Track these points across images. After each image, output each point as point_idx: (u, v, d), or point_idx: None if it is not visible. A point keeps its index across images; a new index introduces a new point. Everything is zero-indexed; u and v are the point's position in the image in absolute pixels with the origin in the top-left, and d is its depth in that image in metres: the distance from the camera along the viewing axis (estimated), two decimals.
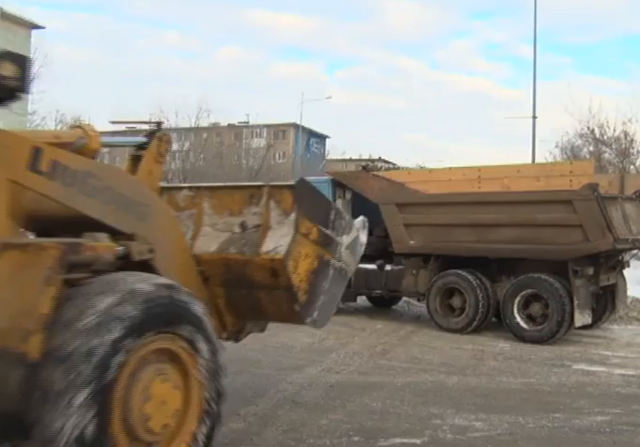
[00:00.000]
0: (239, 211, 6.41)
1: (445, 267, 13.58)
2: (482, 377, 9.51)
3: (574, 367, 10.35)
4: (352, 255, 6.88)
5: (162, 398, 4.53)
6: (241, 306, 6.41)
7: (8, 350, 3.93)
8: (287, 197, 6.17)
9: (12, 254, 4.29)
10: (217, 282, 6.28)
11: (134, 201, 5.40)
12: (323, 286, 6.38)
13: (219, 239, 6.36)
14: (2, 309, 4.06)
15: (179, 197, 6.77)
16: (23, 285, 4.13)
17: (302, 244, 6.08)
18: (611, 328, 14.47)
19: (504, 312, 12.72)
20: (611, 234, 11.75)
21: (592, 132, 35.65)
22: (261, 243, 6.05)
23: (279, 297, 6.15)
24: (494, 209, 12.78)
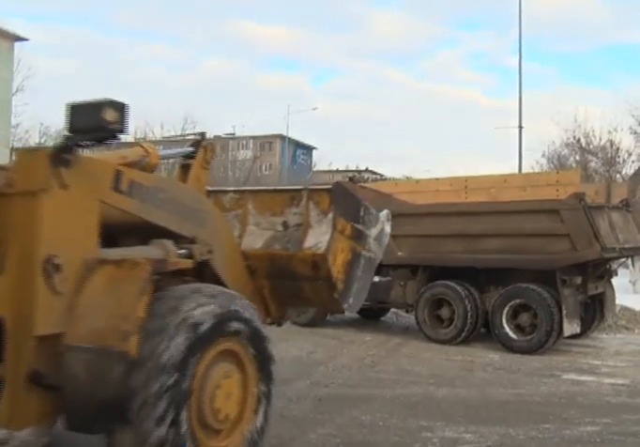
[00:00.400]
0: (281, 212, 7.26)
1: (433, 278, 13.54)
2: (472, 389, 9.46)
3: (564, 377, 10.33)
4: (379, 245, 7.76)
5: (228, 391, 5.21)
6: (285, 295, 7.26)
7: (111, 349, 4.51)
8: (325, 199, 7.02)
9: (108, 268, 4.94)
10: (262, 274, 7.07)
11: (193, 208, 6.16)
12: (356, 275, 7.26)
13: (263, 237, 7.24)
14: (103, 314, 4.70)
15: (225, 199, 7.62)
16: (121, 294, 4.75)
17: (339, 240, 6.93)
18: (600, 337, 14.49)
19: (493, 322, 12.70)
20: (598, 243, 11.75)
21: (578, 142, 35.85)
22: (303, 240, 6.92)
23: (319, 286, 6.98)
24: (481, 220, 12.77)
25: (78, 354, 4.61)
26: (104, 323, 4.67)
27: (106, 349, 4.55)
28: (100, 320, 4.70)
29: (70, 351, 4.62)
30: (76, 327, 4.69)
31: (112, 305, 4.74)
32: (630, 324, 15.55)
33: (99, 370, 4.57)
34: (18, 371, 4.57)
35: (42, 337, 4.58)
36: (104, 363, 4.55)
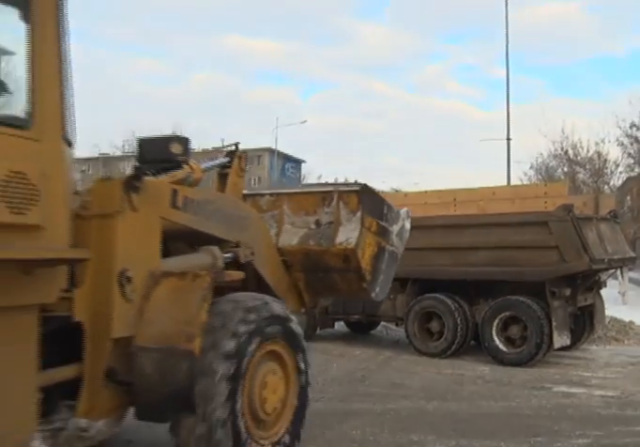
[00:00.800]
0: (314, 211, 8.13)
1: (422, 291, 13.53)
2: (463, 402, 9.43)
3: (554, 389, 10.32)
4: (400, 240, 8.85)
5: (273, 387, 5.98)
6: (318, 286, 8.24)
7: (178, 348, 5.20)
8: (353, 199, 7.96)
9: (172, 279, 5.66)
10: (298, 268, 8.04)
11: (236, 216, 7.02)
12: (381, 267, 8.28)
13: (298, 234, 8.13)
14: (169, 319, 5.43)
15: (262, 202, 8.55)
16: (185, 302, 5.48)
17: (366, 236, 7.89)
18: (590, 348, 14.47)
19: (483, 335, 12.68)
20: (587, 254, 11.76)
21: (566, 153, 35.93)
22: (334, 236, 7.85)
23: (350, 277, 7.99)
24: (470, 232, 12.77)
25: (148, 353, 5.30)
26: (171, 326, 5.38)
27: (173, 349, 5.24)
28: (167, 324, 5.41)
29: (141, 351, 5.31)
30: (145, 330, 5.40)
31: (177, 311, 5.45)
32: (619, 335, 15.55)
33: (167, 367, 5.25)
34: (96, 369, 5.19)
35: (117, 339, 5.25)
36: (172, 361, 5.23)
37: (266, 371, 5.95)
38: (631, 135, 32.28)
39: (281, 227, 8.29)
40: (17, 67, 4.79)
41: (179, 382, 5.22)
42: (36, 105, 4.59)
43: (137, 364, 5.31)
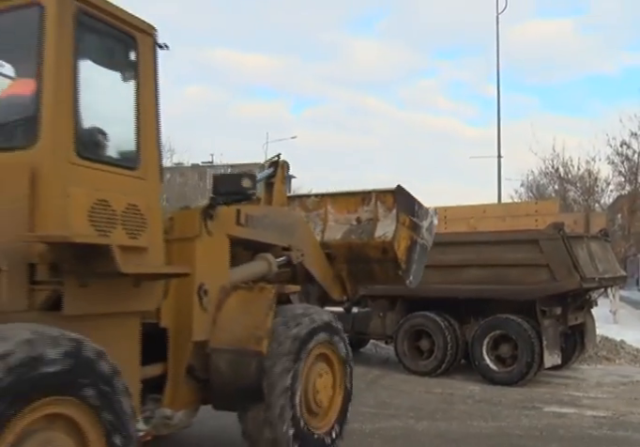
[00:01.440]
0: (355, 210, 9.46)
1: (412, 308, 13.44)
2: (452, 422, 9.34)
3: (545, 409, 10.23)
4: (429, 234, 10.03)
5: (324, 384, 7.01)
6: (359, 275, 9.44)
7: (248, 349, 6.25)
8: (389, 198, 9.22)
9: (241, 292, 6.79)
10: (341, 259, 9.20)
11: (286, 223, 8.12)
12: (414, 258, 9.53)
13: (341, 230, 9.41)
14: (240, 325, 6.45)
15: (308, 202, 9.92)
16: (254, 310, 6.54)
17: (401, 230, 9.10)
18: (581, 368, 14.42)
19: (473, 353, 12.60)
20: (578, 273, 11.72)
21: (557, 171, 35.95)
22: (374, 231, 9.12)
23: (387, 267, 9.21)
24: (460, 250, 12.71)
25: (222, 354, 6.34)
26: (241, 331, 6.40)
27: (244, 350, 6.28)
28: (238, 329, 6.43)
29: (216, 352, 6.34)
30: (219, 334, 6.43)
31: (247, 318, 6.49)
32: (610, 354, 15.47)
33: (239, 365, 6.28)
34: (178, 367, 6.18)
35: (195, 342, 6.26)
36: (243, 360, 6.27)
37: (318, 370, 6.96)
38: (621, 154, 32.31)
39: (326, 224, 9.56)
40: (127, 121, 5.68)
41: (250, 378, 6.25)
42: (141, 150, 5.64)
43: (213, 363, 6.34)
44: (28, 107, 5.10)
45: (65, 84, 5.04)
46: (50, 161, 4.92)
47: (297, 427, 6.48)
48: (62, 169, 4.97)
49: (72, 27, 5.08)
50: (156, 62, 5.91)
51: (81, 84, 5.17)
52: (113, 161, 5.53)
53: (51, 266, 4.88)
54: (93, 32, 5.39)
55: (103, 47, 5.70)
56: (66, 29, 5.03)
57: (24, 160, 4.89)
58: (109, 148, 5.61)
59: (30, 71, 5.19)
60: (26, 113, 5.15)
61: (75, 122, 5.12)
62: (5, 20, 5.26)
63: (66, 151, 4.99)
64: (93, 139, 5.43)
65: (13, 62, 5.66)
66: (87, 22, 5.23)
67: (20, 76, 5.59)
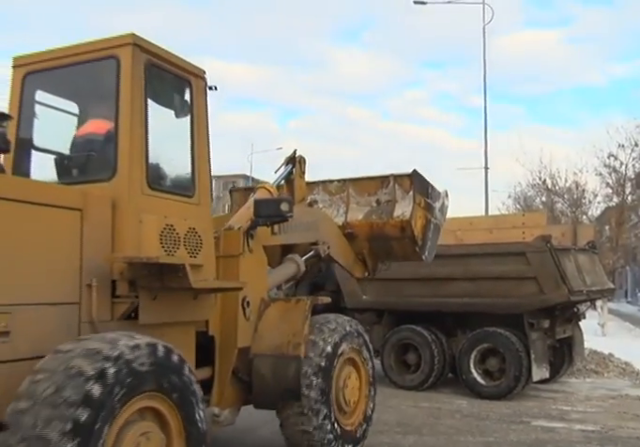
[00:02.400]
0: (374, 193, 10.24)
1: (399, 322, 13.32)
2: (440, 437, 9.23)
3: (533, 424, 10.13)
4: (442, 215, 10.98)
5: (352, 386, 7.89)
6: (379, 252, 10.40)
7: (287, 354, 7.14)
8: (406, 181, 10.03)
9: (279, 303, 7.74)
10: (363, 238, 10.12)
11: (311, 221, 9.03)
12: (429, 236, 10.43)
13: (363, 211, 10.23)
14: (279, 332, 7.31)
15: (331, 187, 10.65)
16: (291, 319, 7.40)
17: (417, 210, 9.93)
18: (569, 381, 14.33)
19: (460, 367, 12.50)
20: (565, 285, 11.65)
21: (544, 183, 36.02)
22: (392, 211, 9.94)
23: (405, 244, 10.05)
24: (447, 263, 12.58)
25: (264, 359, 7.21)
26: (280, 338, 7.27)
27: (284, 355, 7.17)
28: (278, 336, 7.30)
29: (258, 357, 7.23)
30: (260, 341, 7.31)
31: (285, 327, 7.36)
32: (599, 368, 15.38)
33: (279, 368, 7.14)
34: (225, 370, 7.08)
35: (240, 348, 7.15)
36: (283, 364, 7.14)
37: (346, 373, 7.83)
38: (608, 165, 32.47)
39: (349, 206, 10.38)
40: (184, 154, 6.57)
41: (289, 380, 7.08)
42: (196, 179, 6.56)
43: (255, 367, 7.21)
44: (106, 145, 6.03)
45: (137, 125, 5.91)
46: (126, 193, 5.79)
47: (330, 423, 7.35)
48: (136, 199, 5.86)
49: (143, 76, 6.04)
50: (206, 101, 6.87)
51: (149, 124, 6.05)
52: (175, 190, 6.42)
53: (129, 282, 5.77)
54: (158, 78, 6.30)
55: (165, 90, 6.59)
56: (138, 77, 5.97)
57: (106, 191, 5.77)
58: (171, 179, 6.60)
59: (104, 113, 6.22)
60: (105, 150, 6.03)
61: (146, 158, 5.98)
62: (85, 69, 6.24)
63: (139, 184, 5.89)
64: (160, 172, 6.37)
65: (89, 104, 6.64)
66: (154, 70, 6.20)
67: (94, 117, 6.41)
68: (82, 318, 5.39)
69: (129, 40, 5.96)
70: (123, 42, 5.98)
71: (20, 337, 4.83)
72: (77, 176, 6.16)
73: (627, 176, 32.57)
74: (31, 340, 4.90)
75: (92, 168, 6.18)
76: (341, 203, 10.47)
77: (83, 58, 6.15)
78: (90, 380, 4.43)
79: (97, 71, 6.30)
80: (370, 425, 8.28)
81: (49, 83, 6.55)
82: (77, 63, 6.20)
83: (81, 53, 6.15)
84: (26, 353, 4.83)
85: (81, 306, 5.40)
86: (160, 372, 5.00)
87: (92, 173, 6.11)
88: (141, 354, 4.83)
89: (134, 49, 5.97)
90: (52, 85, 6.59)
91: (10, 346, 4.77)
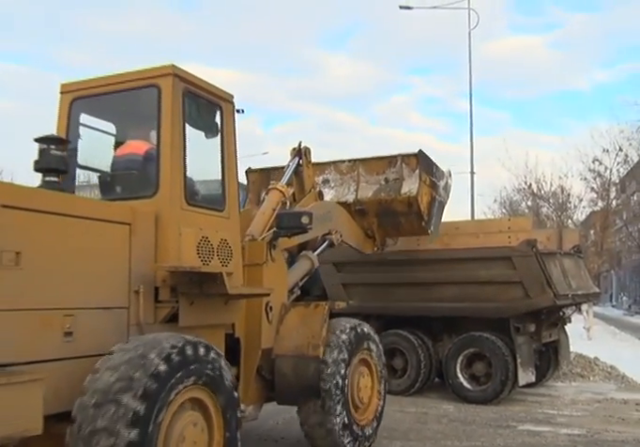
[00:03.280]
0: (383, 172, 11.31)
1: (385, 327, 13.24)
2: (427, 442, 9.22)
3: (520, 428, 10.13)
4: (445, 193, 12.07)
5: (365, 385, 8.57)
6: (388, 227, 11.55)
7: (307, 355, 7.82)
8: (413, 161, 11.12)
9: (299, 308, 8.37)
10: (372, 214, 11.24)
11: (324, 214, 9.81)
12: (434, 212, 11.51)
13: (372, 189, 11.22)
14: (299, 335, 7.97)
15: (342, 166, 11.73)
16: (310, 323, 8.07)
17: (423, 187, 11.00)
18: (555, 385, 14.35)
19: (447, 372, 12.50)
20: (551, 290, 11.66)
21: (529, 187, 36.09)
22: (400, 189, 11.00)
23: (412, 219, 11.23)
24: (433, 267, 12.60)
25: (285, 359, 7.89)
26: (301, 340, 7.92)
27: (304, 355, 7.84)
28: (298, 338, 7.95)
29: (280, 358, 7.90)
30: (282, 343, 7.97)
31: (305, 330, 8.00)
32: (585, 372, 15.42)
33: (299, 368, 7.81)
34: (249, 369, 7.70)
35: (263, 349, 7.81)
36: (303, 364, 7.82)
37: (360, 372, 8.51)
38: (593, 170, 32.59)
39: (359, 185, 11.34)
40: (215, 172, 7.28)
41: (308, 378, 7.76)
42: (226, 195, 7.26)
43: (277, 367, 7.87)
44: (146, 164, 6.76)
45: (177, 147, 6.59)
46: (168, 208, 6.46)
47: (346, 419, 7.98)
48: (176, 214, 6.52)
49: (181, 102, 6.71)
50: (235, 123, 7.58)
51: (186, 146, 6.72)
52: (208, 205, 7.07)
53: (170, 288, 6.42)
54: (193, 103, 6.99)
55: (199, 114, 7.20)
56: (177, 104, 6.65)
57: (149, 206, 6.39)
58: (205, 195, 7.28)
59: (143, 135, 7.14)
60: (145, 169, 6.75)
61: (184, 176, 6.65)
62: (128, 96, 6.94)
63: (179, 200, 6.55)
64: (195, 189, 7.05)
65: (128, 126, 7.45)
66: (190, 97, 6.89)
67: (133, 138, 7.19)
68: (130, 321, 6.04)
69: (169, 71, 6.65)
70: (164, 72, 6.67)
71: (81, 337, 5.46)
72: (120, 192, 6.91)
73: (611, 180, 32.73)
74: (90, 340, 5.54)
75: (134, 185, 6.89)
76: (351, 182, 11.46)
77: (126, 86, 6.86)
78: (147, 375, 5.06)
79: (138, 98, 7.03)
80: (381, 421, 8.89)
81: (93, 107, 7.23)
82: (120, 90, 6.90)
83: (124, 81, 6.86)
84: (86, 351, 5.46)
85: (129, 310, 6.05)
86: (202, 366, 5.67)
87: (135, 190, 6.79)
88: (188, 351, 5.51)
89: (174, 79, 6.65)
90: (95, 109, 7.29)
91: (74, 345, 5.40)
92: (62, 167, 6.27)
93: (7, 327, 4.90)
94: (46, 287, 5.29)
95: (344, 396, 7.97)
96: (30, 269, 5.13)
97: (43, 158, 6.24)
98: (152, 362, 5.15)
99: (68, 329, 5.35)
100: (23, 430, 4.60)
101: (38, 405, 4.65)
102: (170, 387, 5.24)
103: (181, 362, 5.42)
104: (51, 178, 6.22)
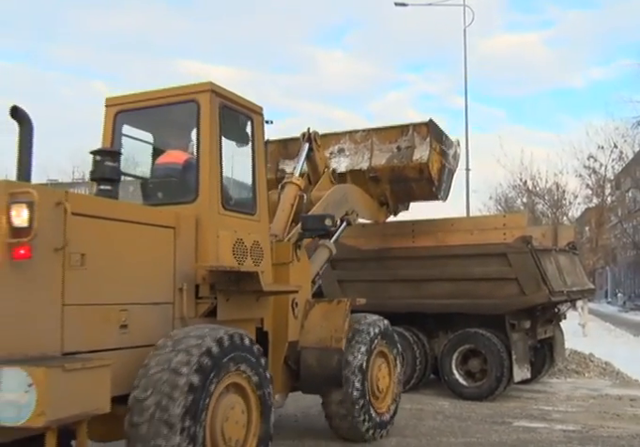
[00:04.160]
0: (395, 140, 11.79)
1: None
2: (422, 438, 9.24)
3: (515, 424, 10.16)
4: (454, 161, 12.73)
5: (383, 374, 9.28)
6: (400, 193, 12.12)
7: (330, 347, 8.51)
8: (424, 129, 11.65)
9: (322, 304, 9.07)
10: (385, 181, 11.78)
11: (340, 198, 10.52)
12: (444, 178, 12.09)
13: (385, 157, 11.76)
14: (322, 329, 8.67)
15: (357, 136, 12.17)
16: (333, 317, 8.77)
17: (433, 155, 11.49)
18: (550, 381, 14.40)
19: (442, 368, 12.53)
20: (546, 286, 11.68)
21: (525, 184, 36.02)
22: (412, 156, 11.53)
23: (423, 185, 11.75)
24: (428, 264, 12.62)
25: (310, 351, 8.57)
26: (324, 333, 8.63)
27: (327, 348, 8.54)
28: (322, 332, 8.66)
29: (305, 350, 8.60)
30: (307, 336, 8.69)
31: (328, 323, 8.72)
32: (580, 368, 15.45)
33: (323, 359, 8.49)
34: (276, 360, 8.24)
35: (289, 342, 8.50)
36: (327, 355, 8.50)
37: (379, 363, 9.20)
38: (588, 167, 32.49)
39: (372, 153, 11.85)
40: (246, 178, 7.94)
41: (332, 369, 8.43)
42: (257, 200, 7.89)
43: (302, 358, 8.55)
44: (185, 172, 7.44)
45: (214, 157, 7.23)
46: (207, 212, 7.09)
47: (365, 407, 8.64)
48: (214, 218, 7.15)
49: (218, 116, 7.35)
50: (264, 133, 8.28)
51: (222, 155, 7.35)
52: (241, 209, 7.67)
53: (210, 286, 7.03)
54: (228, 116, 7.59)
55: (233, 125, 7.80)
56: (214, 117, 7.29)
57: (190, 211, 7.02)
58: (238, 200, 7.85)
59: (181, 145, 7.91)
60: (184, 176, 7.43)
61: (221, 183, 7.29)
62: (168, 109, 7.66)
63: (216, 205, 7.18)
64: (230, 194, 7.62)
65: (167, 137, 8.22)
66: (226, 110, 7.52)
67: (172, 148, 7.89)
68: (175, 315, 6.68)
69: (207, 88, 7.31)
70: (202, 89, 7.33)
71: (134, 329, 6.10)
72: (162, 198, 7.54)
73: (606, 177, 32.62)
74: (141, 332, 6.18)
75: (175, 192, 7.51)
76: (365, 150, 11.97)
77: (167, 101, 7.55)
78: (198, 358, 5.72)
79: (178, 111, 7.72)
80: (397, 409, 9.58)
81: (135, 119, 7.89)
82: (162, 104, 7.59)
83: (165, 96, 7.54)
84: (138, 342, 6.11)
85: (174, 305, 6.69)
86: (241, 354, 6.29)
87: (176, 196, 7.41)
88: (229, 340, 6.11)
89: (211, 94, 7.29)
90: (136, 121, 7.95)
91: (128, 337, 6.04)
92: (115, 177, 6.81)
93: (75, 320, 5.54)
94: (105, 285, 5.93)
95: (364, 386, 8.64)
96: (92, 269, 5.75)
97: (98, 168, 6.81)
98: (202, 349, 5.79)
99: (123, 322, 6.00)
100: (95, 409, 5.19)
101: (107, 387, 5.26)
102: (216, 372, 5.88)
103: (229, 347, 6.08)
104: (105, 187, 6.74)
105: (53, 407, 4.73)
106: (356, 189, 11.32)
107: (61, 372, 4.85)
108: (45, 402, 4.67)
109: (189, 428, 5.50)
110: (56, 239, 5.45)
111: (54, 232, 5.44)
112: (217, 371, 5.91)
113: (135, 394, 5.60)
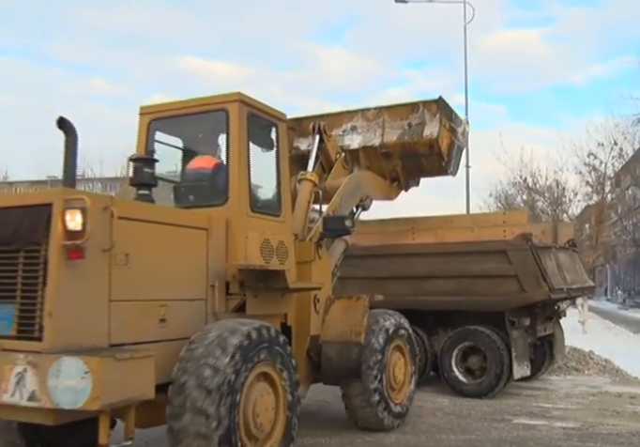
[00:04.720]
0: (406, 117, 12.06)
1: None
2: (421, 435, 9.23)
3: (515, 421, 10.16)
4: (463, 138, 12.98)
5: (399, 367, 9.68)
6: (410, 169, 12.42)
7: (350, 341, 8.91)
8: (434, 106, 11.92)
9: (342, 300, 9.44)
10: (396, 157, 12.07)
11: (354, 186, 10.94)
12: (453, 154, 12.46)
13: (396, 134, 12.02)
14: (343, 323, 9.08)
15: (369, 114, 12.40)
16: (353, 313, 9.18)
17: (443, 131, 11.82)
18: (550, 379, 14.39)
19: (442, 365, 12.53)
20: (546, 284, 11.67)
21: (525, 181, 35.98)
22: (422, 132, 11.77)
23: (433, 160, 12.09)
24: (428, 261, 12.61)
25: (331, 345, 8.99)
26: (344, 328, 9.05)
27: (347, 342, 8.93)
28: (342, 326, 9.08)
29: (326, 343, 9.02)
30: (327, 331, 9.13)
31: (348, 318, 9.14)
32: (579, 365, 15.46)
33: (343, 352, 8.89)
34: (299, 353, 8.44)
35: (311, 336, 8.97)
36: (347, 349, 8.89)
37: (396, 357, 9.61)
38: (588, 164, 32.46)
39: (384, 130, 12.08)
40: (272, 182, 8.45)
41: (351, 362, 8.83)
42: (281, 202, 8.43)
43: (324, 351, 8.97)
44: (215, 176, 7.93)
45: (243, 163, 7.74)
46: (236, 215, 7.60)
47: (383, 398, 9.09)
48: (243, 220, 7.67)
49: (246, 123, 7.86)
50: (287, 138, 8.80)
51: (250, 161, 7.84)
52: (267, 211, 8.17)
53: (239, 283, 7.50)
54: (255, 124, 8.11)
55: (259, 132, 8.28)
56: (242, 125, 7.80)
57: (221, 213, 7.52)
58: (264, 203, 8.32)
59: (211, 151, 8.46)
60: (214, 180, 7.91)
61: (249, 187, 7.82)
62: (199, 117, 8.18)
63: (245, 207, 7.72)
64: (257, 197, 8.17)
65: (196, 143, 8.87)
66: (253, 118, 8.04)
67: (202, 153, 8.43)
68: (207, 311, 7.17)
69: (236, 98, 7.82)
70: (231, 99, 7.84)
71: (172, 323, 6.59)
72: (193, 201, 7.99)
73: (606, 174, 32.59)
74: (178, 326, 6.65)
75: (206, 195, 7.97)
76: (377, 127, 12.21)
77: (198, 109, 8.09)
78: (233, 349, 6.20)
79: (208, 119, 8.23)
80: (412, 400, 10.05)
81: (167, 126, 8.46)
82: (193, 113, 8.13)
83: (196, 105, 8.09)
84: (175, 335, 6.57)
85: (207, 302, 7.19)
86: (270, 345, 6.75)
87: (206, 199, 7.88)
88: (260, 332, 6.59)
89: (240, 104, 7.81)
90: (169, 128, 8.51)
91: (167, 330, 6.54)
92: (152, 182, 7.46)
93: (121, 314, 6.02)
94: (146, 282, 6.42)
95: (382, 378, 9.07)
96: (135, 268, 6.23)
97: (137, 175, 7.45)
98: (237, 337, 6.30)
99: (162, 316, 6.50)
100: (141, 395, 5.63)
101: (151, 375, 5.70)
102: (249, 360, 6.35)
103: (258, 339, 6.54)
104: (144, 192, 7.36)
105: (106, 392, 5.18)
106: (367, 174, 11.75)
107: (113, 361, 5.32)
108: (99, 388, 5.12)
109: (225, 416, 5.94)
110: (104, 241, 5.91)
111: (103, 234, 5.90)
112: (248, 361, 6.33)
113: (174, 384, 6.05)
